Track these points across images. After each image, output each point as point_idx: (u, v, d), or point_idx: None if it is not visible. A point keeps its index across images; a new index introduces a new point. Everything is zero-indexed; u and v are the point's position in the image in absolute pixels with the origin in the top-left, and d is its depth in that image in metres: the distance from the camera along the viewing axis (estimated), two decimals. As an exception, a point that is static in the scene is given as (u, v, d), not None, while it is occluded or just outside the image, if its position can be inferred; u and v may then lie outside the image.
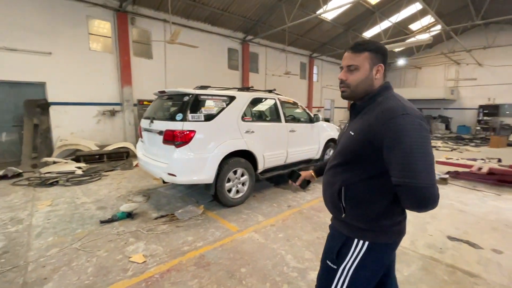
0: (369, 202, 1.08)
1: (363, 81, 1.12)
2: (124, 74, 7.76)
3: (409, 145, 0.93)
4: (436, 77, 17.21)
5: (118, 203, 4.07)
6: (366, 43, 1.13)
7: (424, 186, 0.93)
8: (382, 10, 11.28)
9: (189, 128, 3.36)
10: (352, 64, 1.12)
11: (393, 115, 0.98)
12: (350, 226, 1.13)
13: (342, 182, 1.13)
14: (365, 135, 1.04)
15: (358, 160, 1.09)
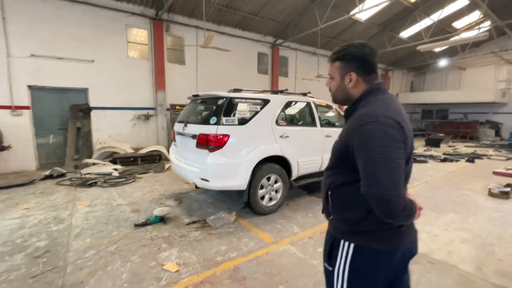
0: (350, 206, 1.08)
1: (338, 90, 1.17)
2: (158, 79, 8.02)
3: (371, 154, 0.93)
4: (483, 78, 15.65)
5: (151, 206, 4.08)
6: (338, 51, 1.14)
7: (383, 197, 0.90)
8: (423, 8, 10.50)
9: (223, 132, 3.25)
10: (329, 73, 1.19)
11: (362, 122, 0.98)
12: (337, 228, 1.14)
13: (329, 185, 1.16)
14: (345, 141, 1.05)
15: (342, 164, 1.11)
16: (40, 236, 3.09)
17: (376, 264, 1.06)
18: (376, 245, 1.05)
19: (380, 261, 1.06)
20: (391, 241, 1.05)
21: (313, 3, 8.90)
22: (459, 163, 7.93)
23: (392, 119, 0.96)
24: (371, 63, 1.12)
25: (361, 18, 10.41)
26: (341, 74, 1.14)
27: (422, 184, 5.49)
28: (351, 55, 1.12)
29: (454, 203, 4.31)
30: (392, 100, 1.07)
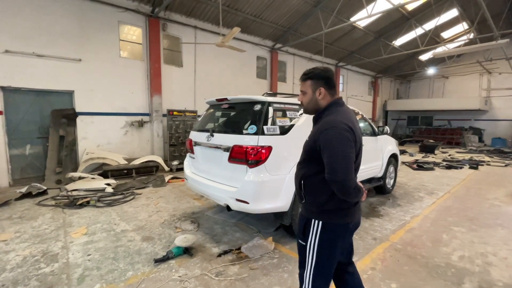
0: (318, 191, 1.43)
1: (310, 102, 1.52)
2: (154, 82, 7.28)
3: (332, 151, 1.31)
4: (466, 87, 16.40)
5: (165, 231, 3.40)
6: (309, 72, 1.50)
7: (340, 180, 1.28)
8: (418, 17, 10.71)
9: (265, 144, 2.71)
10: (302, 89, 1.54)
11: (326, 127, 1.35)
12: (308, 209, 1.48)
13: (302, 175, 1.49)
14: (314, 140, 1.41)
15: (312, 159, 1.44)
16: (29, 283, 2.33)
17: (337, 235, 1.43)
18: (337, 220, 1.41)
19: (339, 232, 1.43)
20: (347, 216, 1.43)
21: (316, 8, 8.67)
22: (464, 170, 7.93)
23: (346, 125, 1.34)
24: (332, 80, 1.50)
25: (360, 25, 10.37)
26: (312, 89, 1.49)
27: (446, 195, 5.25)
28: (319, 75, 1.48)
29: (492, 216, 4.06)
30: (347, 111, 1.47)
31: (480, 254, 2.90)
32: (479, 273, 2.54)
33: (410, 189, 5.64)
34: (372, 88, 17.02)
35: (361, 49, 12.71)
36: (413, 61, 15.39)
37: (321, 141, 1.33)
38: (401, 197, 5.08)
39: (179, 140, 7.45)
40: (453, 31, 12.81)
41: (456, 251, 2.97)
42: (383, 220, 3.88)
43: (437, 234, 3.41)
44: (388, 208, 4.41)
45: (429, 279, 2.45)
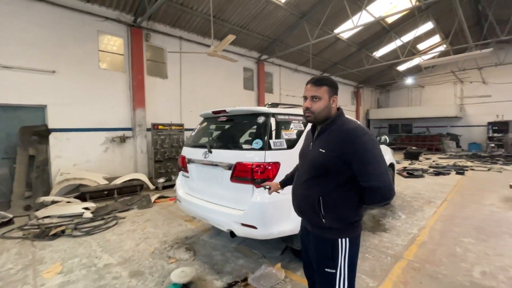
0: (342, 206, 1.34)
1: (324, 109, 1.40)
2: (137, 95, 6.84)
3: (371, 156, 1.26)
4: (441, 95, 17.25)
5: (157, 263, 2.96)
6: (324, 79, 1.42)
7: (387, 184, 1.25)
8: (397, 30, 11.17)
9: (272, 160, 2.43)
10: (315, 95, 1.40)
11: (358, 135, 1.29)
12: (331, 229, 1.36)
13: (319, 193, 1.36)
14: (335, 152, 1.31)
15: (329, 172, 1.34)
16: None
17: (359, 246, 1.42)
18: (359, 231, 1.41)
19: (359, 242, 1.42)
20: (362, 225, 1.46)
21: (302, 19, 8.73)
22: (452, 176, 8.08)
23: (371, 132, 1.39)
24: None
25: (344, 36, 10.61)
26: (329, 96, 1.40)
27: (444, 203, 5.20)
28: (334, 83, 1.44)
29: (496, 224, 4.00)
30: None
31: (500, 268, 2.75)
32: (508, 292, 2.36)
33: (408, 199, 5.55)
34: (354, 97, 17.45)
35: (344, 60, 13.02)
36: (392, 72, 16.02)
37: (354, 149, 1.26)
38: (401, 207, 4.95)
39: (165, 156, 6.99)
40: (429, 43, 13.49)
41: (475, 266, 2.79)
42: (391, 234, 3.68)
43: (449, 247, 3.25)
44: (392, 221, 4.24)
45: (460, 303, 2.23)
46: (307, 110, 1.42)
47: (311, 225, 1.43)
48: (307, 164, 1.44)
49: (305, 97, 1.43)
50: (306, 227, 1.50)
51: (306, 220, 1.47)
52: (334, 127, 1.39)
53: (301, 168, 1.51)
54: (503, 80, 14.44)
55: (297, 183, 1.51)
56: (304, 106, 1.43)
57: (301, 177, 1.46)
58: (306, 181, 1.42)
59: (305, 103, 1.43)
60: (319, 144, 1.39)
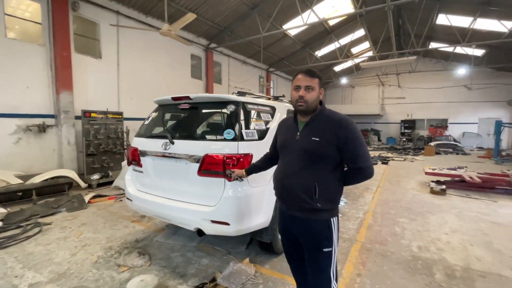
0: (333, 189, 1.45)
1: (316, 100, 1.46)
2: (61, 75, 5.66)
3: (360, 142, 1.41)
4: (367, 95, 19.73)
5: (103, 274, 2.51)
6: (315, 71, 1.48)
7: (371, 165, 1.43)
8: (336, 32, 12.14)
9: (246, 151, 2.29)
10: (310, 85, 1.44)
11: (348, 122, 1.41)
12: (324, 211, 1.43)
13: (314, 179, 1.41)
14: (329, 139, 1.39)
15: (323, 159, 1.41)
16: None
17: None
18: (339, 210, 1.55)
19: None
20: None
21: (254, 10, 8.64)
22: (378, 165, 9.34)
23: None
24: None
25: (291, 33, 10.98)
26: (319, 87, 1.48)
27: (379, 189, 5.96)
28: (322, 77, 1.53)
29: (419, 205, 4.76)
30: None
31: (430, 242, 3.27)
32: (439, 261, 2.80)
33: (350, 187, 6.15)
34: (296, 93, 18.44)
35: (290, 57, 13.54)
36: (330, 71, 17.49)
37: (346, 135, 1.37)
38: (345, 195, 5.44)
39: (100, 148, 6.04)
40: (360, 48, 15.15)
41: (412, 242, 3.25)
42: (342, 220, 3.99)
43: (390, 228, 3.70)
44: (341, 208, 4.61)
45: (408, 275, 2.54)
46: (300, 99, 1.44)
47: (303, 211, 1.46)
48: (298, 153, 1.47)
49: (297, 87, 1.46)
50: (291, 216, 1.52)
51: (296, 208, 1.48)
52: (323, 116, 1.46)
53: (287, 158, 1.53)
54: (414, 86, 17.38)
55: (286, 173, 1.50)
56: (296, 95, 1.45)
57: (292, 167, 1.48)
58: (300, 169, 1.45)
59: (297, 93, 1.45)
60: (310, 133, 1.45)
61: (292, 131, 1.55)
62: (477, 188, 5.62)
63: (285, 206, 1.56)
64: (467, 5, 8.93)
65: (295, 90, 1.47)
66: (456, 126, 17.13)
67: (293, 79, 1.52)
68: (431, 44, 13.81)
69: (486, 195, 5.37)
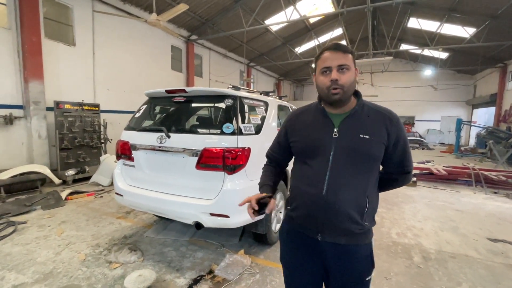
0: (377, 199, 1.14)
1: (353, 82, 1.08)
2: (30, 62, 5.20)
3: (408, 141, 1.15)
4: (342, 93, 20.47)
5: (94, 271, 2.43)
6: (346, 45, 1.10)
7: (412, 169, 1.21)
8: (316, 30, 12.42)
9: (244, 145, 2.33)
10: (344, 63, 1.05)
11: (397, 117, 1.11)
12: (369, 231, 1.12)
13: (365, 191, 1.07)
14: (381, 137, 1.07)
15: (373, 163, 1.10)
16: None
17: None
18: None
19: None
20: None
21: (237, 4, 8.54)
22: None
23: None
24: None
25: (273, 29, 11.03)
26: (354, 66, 1.09)
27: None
28: (354, 52, 1.12)
29: (393, 195, 5.13)
30: None
31: (407, 228, 3.57)
32: (416, 245, 3.09)
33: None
34: (276, 89, 18.64)
35: (270, 52, 13.62)
36: (308, 68, 17.87)
37: (398, 133, 1.09)
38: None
39: (75, 142, 5.69)
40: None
41: (391, 229, 3.53)
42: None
43: (371, 217, 3.98)
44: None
45: (390, 259, 2.78)
46: (334, 84, 1.04)
47: (349, 236, 1.07)
48: (342, 156, 1.06)
49: (325, 69, 1.07)
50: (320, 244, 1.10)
51: (339, 232, 1.07)
52: (367, 107, 1.12)
53: (319, 164, 1.09)
54: (386, 84, 18.38)
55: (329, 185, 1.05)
56: (327, 81, 1.05)
57: (336, 175, 1.05)
58: (350, 177, 1.05)
59: (326, 77, 1.06)
60: (355, 129, 1.07)
61: (323, 126, 1.13)
62: (443, 179, 6.18)
63: (313, 230, 1.11)
64: (436, 10, 9.60)
65: (323, 75, 1.08)
66: (421, 123, 18.50)
67: (317, 60, 1.13)
68: (402, 46, 14.68)
69: (450, 186, 5.93)
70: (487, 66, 13.44)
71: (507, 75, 12.73)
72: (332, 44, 1.09)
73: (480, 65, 12.63)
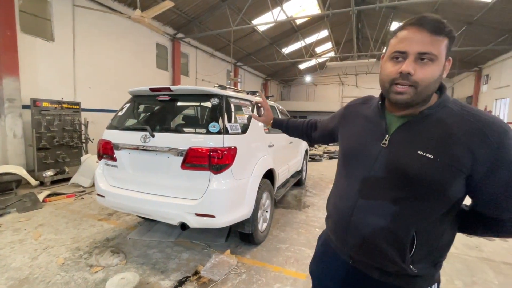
0: (442, 242, 0.81)
1: (436, 81, 0.75)
2: (5, 58, 4.92)
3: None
4: (328, 94, 20.87)
5: (74, 276, 2.34)
6: (443, 23, 0.73)
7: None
8: (302, 31, 12.56)
9: (231, 144, 2.32)
10: (429, 51, 0.72)
11: (502, 131, 0.70)
12: (419, 277, 0.82)
13: (413, 225, 0.77)
14: (454, 160, 0.72)
15: (435, 191, 0.75)
16: None
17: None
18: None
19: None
20: None
21: (224, 2, 8.49)
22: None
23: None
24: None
25: (260, 29, 11.05)
26: (445, 57, 0.75)
27: (342, 180, 6.43)
28: (454, 35, 0.74)
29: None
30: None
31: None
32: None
33: (316, 179, 6.54)
34: (263, 89, 18.71)
35: (257, 52, 13.64)
36: (295, 69, 18.07)
37: (494, 156, 0.70)
38: (313, 187, 5.78)
39: (54, 142, 5.45)
40: (324, 48, 15.93)
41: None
42: (313, 210, 4.26)
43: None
44: (310, 198, 4.90)
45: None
46: (404, 78, 0.75)
47: (382, 273, 0.85)
48: (385, 173, 0.81)
49: (398, 54, 0.77)
50: (354, 270, 0.91)
51: (369, 265, 0.87)
52: (447, 113, 0.77)
53: (359, 177, 0.87)
54: (370, 86, 18.85)
55: (360, 204, 0.85)
56: (395, 71, 0.77)
57: (372, 195, 0.84)
58: (389, 202, 0.80)
59: (396, 66, 0.77)
60: (413, 142, 0.78)
61: (374, 129, 0.89)
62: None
63: (344, 252, 0.93)
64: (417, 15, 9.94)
65: (392, 60, 0.79)
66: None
67: (392, 37, 0.83)
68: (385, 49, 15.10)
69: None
70: (463, 70, 14.10)
71: (482, 78, 13.43)
72: (420, 17, 0.75)
73: (457, 69, 13.24)
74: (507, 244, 3.20)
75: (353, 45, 10.52)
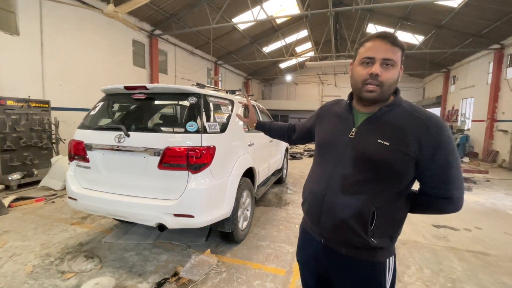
0: (395, 219, 0.99)
1: (395, 82, 0.96)
2: (-39, 52, 4.54)
3: (456, 157, 0.92)
4: (308, 93, 21.26)
5: (44, 283, 2.23)
6: (396, 37, 0.95)
7: (463, 195, 0.97)
8: (283, 31, 12.68)
9: (209, 144, 2.31)
10: (391, 58, 0.91)
11: (443, 126, 0.91)
12: (379, 249, 0.98)
13: (374, 203, 0.94)
14: (407, 146, 0.90)
15: (392, 174, 0.93)
16: None
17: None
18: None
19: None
20: None
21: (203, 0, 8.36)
22: (320, 157, 10.27)
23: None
24: None
25: (240, 27, 11.01)
26: (400, 64, 0.96)
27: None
28: (405, 48, 0.97)
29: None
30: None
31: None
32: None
33: (297, 177, 6.65)
34: (244, 88, 18.67)
35: (238, 51, 13.58)
36: (276, 68, 18.20)
37: (436, 144, 0.89)
38: (293, 184, 5.88)
39: (21, 143, 5.11)
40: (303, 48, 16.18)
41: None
42: (293, 207, 4.34)
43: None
44: (291, 196, 4.98)
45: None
46: (373, 78, 0.92)
47: (348, 247, 1.00)
48: (352, 159, 0.97)
49: (367, 60, 0.94)
50: (326, 249, 1.05)
51: (338, 240, 1.01)
52: (400, 111, 0.97)
53: (330, 164, 1.03)
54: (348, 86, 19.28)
55: (331, 186, 1.00)
56: (365, 73, 0.94)
57: (342, 178, 0.99)
58: (356, 184, 0.96)
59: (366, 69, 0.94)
60: (374, 133, 0.96)
61: (344, 124, 1.06)
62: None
63: (317, 232, 1.06)
64: (391, 18, 10.41)
65: (362, 65, 0.96)
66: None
67: (359, 47, 1.00)
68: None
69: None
70: (433, 71, 14.94)
71: (450, 79, 14.31)
72: (381, 32, 0.94)
73: (428, 70, 14.00)
74: (470, 234, 3.46)
75: (331, 45, 10.77)
